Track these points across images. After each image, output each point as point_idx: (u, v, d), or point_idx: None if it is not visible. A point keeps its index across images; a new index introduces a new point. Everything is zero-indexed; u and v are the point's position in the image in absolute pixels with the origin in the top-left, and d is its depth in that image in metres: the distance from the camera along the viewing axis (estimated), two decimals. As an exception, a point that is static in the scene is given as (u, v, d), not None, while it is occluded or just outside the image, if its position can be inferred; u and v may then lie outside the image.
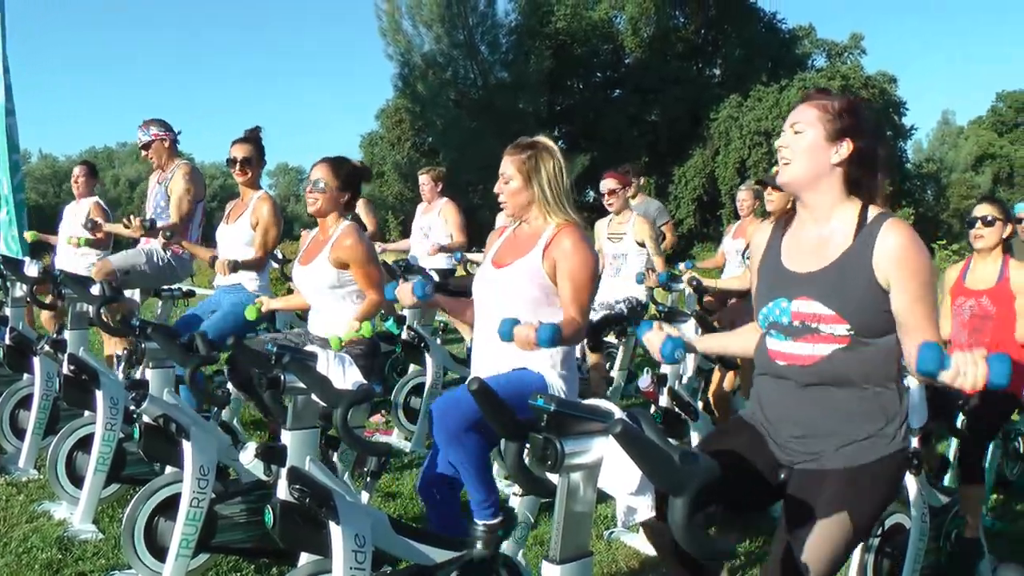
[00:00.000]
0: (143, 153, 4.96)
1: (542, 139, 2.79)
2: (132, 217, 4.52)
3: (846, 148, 2.00)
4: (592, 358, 4.96)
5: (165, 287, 5.09)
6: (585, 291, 2.66)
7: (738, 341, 2.30)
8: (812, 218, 2.06)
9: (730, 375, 4.59)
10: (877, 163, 2.05)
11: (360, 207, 6.18)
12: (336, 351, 2.98)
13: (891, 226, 1.94)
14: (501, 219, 6.51)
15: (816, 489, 1.97)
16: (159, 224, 4.66)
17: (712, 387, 4.71)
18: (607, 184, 5.20)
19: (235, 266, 4.09)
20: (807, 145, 2.01)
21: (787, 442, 2.06)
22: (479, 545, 2.47)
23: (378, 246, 6.51)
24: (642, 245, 5.16)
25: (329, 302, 3.44)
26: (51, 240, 6.40)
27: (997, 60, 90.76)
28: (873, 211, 2.00)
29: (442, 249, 6.26)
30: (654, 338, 2.14)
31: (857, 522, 1.95)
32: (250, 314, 3.43)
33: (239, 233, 4.31)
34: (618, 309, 5.00)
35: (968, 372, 1.67)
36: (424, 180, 6.56)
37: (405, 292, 2.83)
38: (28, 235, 6.24)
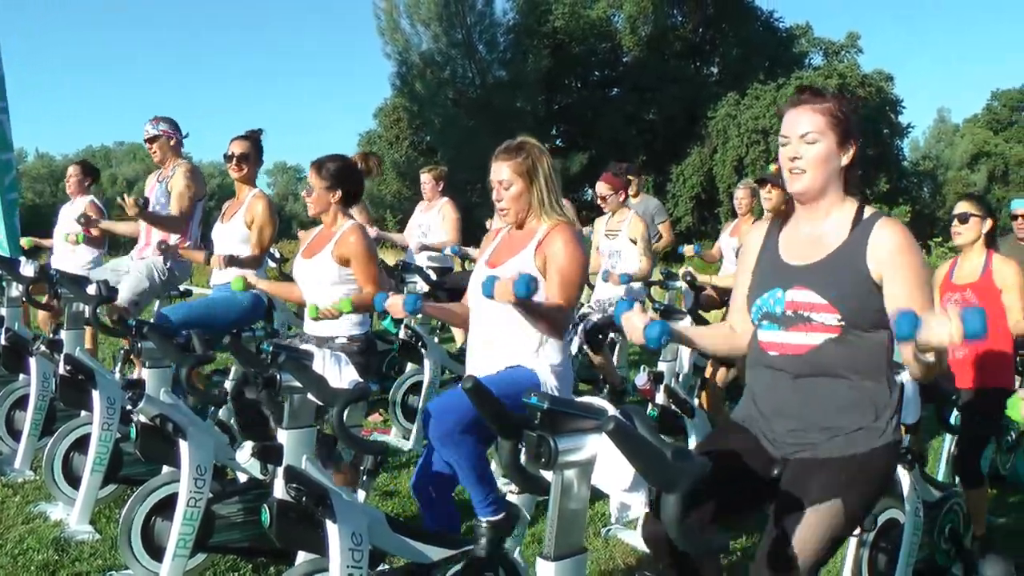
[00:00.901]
0: (147, 146, 4.95)
1: (530, 139, 2.81)
2: (126, 196, 4.47)
3: (853, 150, 2.07)
4: (595, 359, 4.97)
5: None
6: (572, 286, 2.72)
7: (708, 337, 2.35)
8: (810, 216, 2.12)
9: (722, 371, 4.58)
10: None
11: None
12: (313, 318, 3.11)
13: (885, 223, 2.01)
14: (495, 222, 6.52)
15: (808, 477, 1.99)
16: (151, 209, 4.63)
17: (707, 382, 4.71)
18: (599, 189, 5.25)
19: (231, 260, 4.11)
20: (822, 154, 2.05)
21: (781, 436, 2.07)
22: (483, 542, 2.48)
23: (373, 230, 6.55)
24: (635, 243, 5.17)
25: (329, 297, 3.45)
26: (46, 244, 6.43)
27: (992, 58, 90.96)
28: (869, 211, 2.06)
29: (424, 248, 6.28)
30: (636, 320, 2.02)
31: (849, 510, 1.96)
32: (236, 285, 3.44)
33: (234, 231, 4.32)
34: (611, 312, 4.99)
35: (941, 327, 1.60)
36: (426, 179, 6.56)
37: (396, 306, 2.79)
38: (24, 242, 6.36)
